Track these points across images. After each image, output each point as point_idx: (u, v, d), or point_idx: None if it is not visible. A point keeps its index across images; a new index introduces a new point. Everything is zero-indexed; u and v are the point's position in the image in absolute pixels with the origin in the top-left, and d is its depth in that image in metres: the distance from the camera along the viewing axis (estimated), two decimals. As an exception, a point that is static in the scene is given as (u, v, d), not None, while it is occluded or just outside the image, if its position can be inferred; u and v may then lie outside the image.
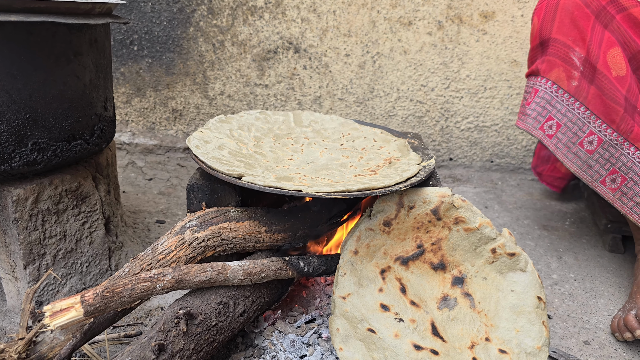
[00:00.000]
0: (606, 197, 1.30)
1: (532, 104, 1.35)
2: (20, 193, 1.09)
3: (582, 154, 1.29)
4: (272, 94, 2.24)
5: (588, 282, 1.47)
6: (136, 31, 2.17)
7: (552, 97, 1.31)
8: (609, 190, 1.29)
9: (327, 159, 1.25)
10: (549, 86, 1.32)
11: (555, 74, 1.31)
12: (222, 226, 1.05)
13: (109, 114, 1.28)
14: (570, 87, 1.28)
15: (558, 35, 1.30)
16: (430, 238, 1.08)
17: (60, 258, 1.20)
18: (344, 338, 0.99)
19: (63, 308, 0.84)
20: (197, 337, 0.90)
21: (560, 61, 1.30)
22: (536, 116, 1.34)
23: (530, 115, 1.35)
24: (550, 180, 2.01)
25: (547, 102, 1.32)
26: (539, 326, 1.00)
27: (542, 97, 1.33)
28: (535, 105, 1.34)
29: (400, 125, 2.25)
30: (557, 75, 1.31)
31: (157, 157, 2.30)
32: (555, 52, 1.31)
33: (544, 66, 1.33)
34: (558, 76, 1.30)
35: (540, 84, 1.34)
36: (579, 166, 1.30)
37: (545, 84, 1.33)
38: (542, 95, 1.33)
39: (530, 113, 1.35)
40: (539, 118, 1.34)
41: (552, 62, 1.32)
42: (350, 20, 2.10)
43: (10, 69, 0.98)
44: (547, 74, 1.32)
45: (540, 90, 1.33)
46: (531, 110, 1.35)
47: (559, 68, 1.30)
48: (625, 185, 1.27)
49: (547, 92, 1.32)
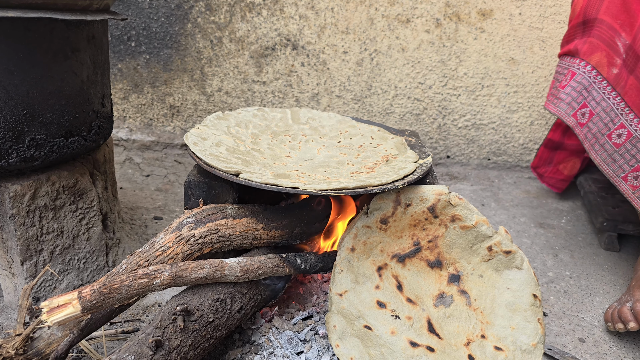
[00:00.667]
0: (625, 194, 1.25)
1: (567, 87, 1.28)
2: (18, 189, 1.09)
3: (608, 147, 1.24)
4: (270, 91, 2.24)
5: (583, 279, 1.47)
6: (134, 27, 2.17)
7: (589, 83, 1.24)
8: (630, 187, 1.24)
9: (324, 156, 1.25)
10: (587, 70, 1.24)
11: (597, 58, 1.23)
12: (219, 223, 1.05)
13: (106, 110, 1.28)
14: (610, 74, 1.21)
15: (605, 17, 1.22)
16: (426, 235, 1.08)
17: (57, 254, 1.20)
18: (341, 335, 1.00)
19: (60, 304, 0.84)
20: (194, 334, 0.90)
21: (604, 45, 1.22)
22: (570, 101, 1.27)
23: (564, 100, 1.28)
24: (553, 182, 2.00)
25: (584, 88, 1.25)
26: (535, 323, 1.01)
27: (580, 82, 1.26)
28: (570, 90, 1.27)
29: (398, 122, 2.25)
30: (598, 59, 1.23)
31: (154, 154, 2.30)
32: (600, 34, 1.23)
33: (586, 48, 1.25)
34: (599, 61, 1.23)
35: (578, 67, 1.27)
36: (604, 159, 1.25)
37: (584, 68, 1.25)
38: (580, 80, 1.26)
39: (565, 97, 1.28)
40: (573, 104, 1.27)
41: (594, 44, 1.24)
42: (348, 18, 2.10)
43: (7, 65, 0.98)
44: (588, 57, 1.25)
45: (578, 74, 1.26)
46: (566, 94, 1.28)
47: (601, 52, 1.23)
48: None
49: (586, 76, 1.25)
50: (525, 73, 2.14)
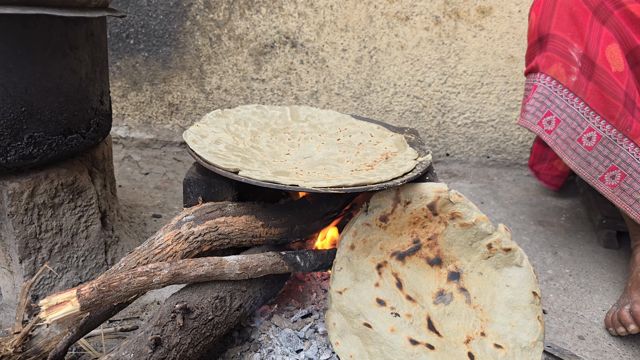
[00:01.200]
0: (605, 194, 1.30)
1: (531, 99, 1.34)
2: (16, 187, 1.08)
3: (581, 150, 1.29)
4: (269, 89, 2.23)
5: (583, 277, 1.47)
6: (132, 25, 2.16)
7: (550, 93, 1.30)
8: (608, 187, 1.28)
9: (323, 153, 1.24)
10: (547, 81, 1.31)
11: (555, 70, 1.30)
12: (218, 221, 1.05)
13: (105, 107, 1.27)
14: (569, 82, 1.27)
15: (556, 31, 1.29)
16: (426, 233, 1.08)
17: (56, 252, 1.20)
18: (340, 332, 1.00)
19: (59, 302, 0.84)
20: (194, 332, 0.90)
21: (559, 57, 1.29)
22: (534, 111, 1.33)
23: (529, 111, 1.34)
24: (548, 178, 2.01)
25: (546, 97, 1.31)
26: (534, 321, 1.01)
27: (541, 93, 1.32)
28: (534, 101, 1.33)
29: (397, 120, 2.25)
30: (556, 70, 1.30)
31: (153, 152, 2.30)
32: (554, 48, 1.30)
33: (543, 62, 1.32)
34: (557, 71, 1.29)
35: (539, 80, 1.33)
36: (578, 162, 1.30)
37: (544, 80, 1.32)
38: (541, 91, 1.32)
39: (529, 109, 1.34)
40: (537, 113, 1.33)
41: (551, 57, 1.31)
42: (347, 15, 2.10)
43: (5, 62, 0.97)
44: (546, 69, 1.31)
45: (539, 86, 1.32)
46: (530, 106, 1.34)
47: (557, 63, 1.29)
48: (625, 182, 1.27)
49: (546, 87, 1.31)
50: (524, 71, 2.14)
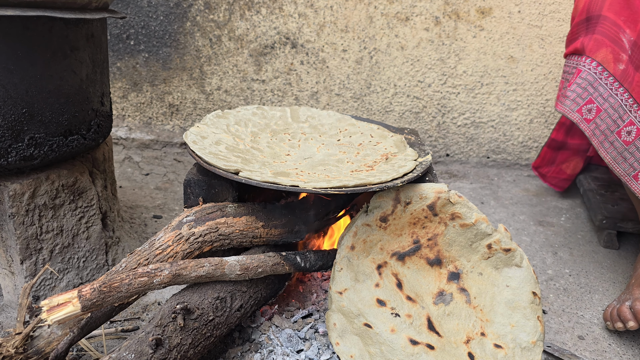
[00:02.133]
0: (637, 193, 1.24)
1: (573, 84, 1.26)
2: (17, 188, 1.09)
3: (618, 144, 1.22)
4: (269, 89, 2.23)
5: (583, 277, 1.48)
6: (133, 26, 2.17)
7: (595, 79, 1.23)
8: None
9: (324, 154, 1.25)
10: (593, 67, 1.24)
11: (602, 55, 1.22)
12: (219, 221, 1.05)
13: (105, 108, 1.28)
14: (616, 70, 1.20)
15: (609, 13, 1.21)
16: (426, 234, 1.08)
17: (57, 253, 1.20)
18: (341, 333, 1.00)
19: (60, 303, 0.84)
20: (194, 332, 0.90)
21: (608, 41, 1.22)
22: (575, 97, 1.26)
23: (569, 97, 1.27)
24: (555, 181, 2.01)
25: (590, 84, 1.24)
26: (534, 321, 1.01)
27: (585, 78, 1.24)
28: (576, 87, 1.26)
29: (397, 121, 2.25)
30: (604, 56, 1.22)
31: (153, 152, 2.30)
32: (604, 31, 1.22)
33: (591, 44, 1.24)
34: (605, 57, 1.22)
35: (584, 64, 1.26)
36: (614, 157, 1.23)
37: (590, 64, 1.24)
38: (585, 76, 1.24)
39: (570, 94, 1.27)
40: (578, 100, 1.25)
41: (599, 41, 1.23)
42: (347, 16, 2.10)
43: (6, 63, 0.97)
44: (594, 53, 1.24)
45: (584, 71, 1.25)
46: (571, 91, 1.26)
47: (606, 48, 1.22)
48: None
49: (591, 73, 1.24)
50: (524, 71, 2.14)
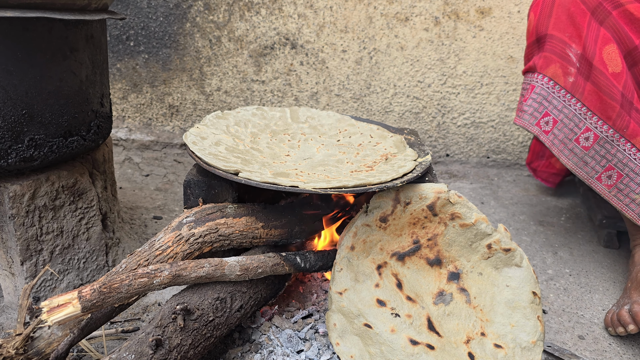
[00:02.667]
0: (602, 194, 1.31)
1: (528, 100, 1.35)
2: (17, 189, 1.09)
3: (578, 150, 1.30)
4: (269, 90, 2.24)
5: (583, 277, 1.48)
6: (132, 27, 2.17)
7: (548, 93, 1.31)
8: (605, 187, 1.30)
9: (323, 155, 1.25)
10: (545, 82, 1.32)
11: (552, 70, 1.31)
12: (219, 222, 1.05)
13: (105, 110, 1.28)
14: (566, 83, 1.28)
15: (554, 32, 1.30)
16: (426, 234, 1.08)
17: (57, 254, 1.20)
18: (341, 333, 1.00)
19: (60, 304, 0.84)
20: (195, 333, 0.91)
21: (556, 57, 1.30)
22: (532, 112, 1.34)
23: (527, 112, 1.35)
24: (545, 176, 2.01)
25: (544, 98, 1.32)
26: (534, 321, 1.01)
27: (539, 93, 1.33)
28: (531, 102, 1.34)
29: (397, 121, 2.25)
30: (553, 71, 1.31)
31: (153, 153, 2.30)
32: (552, 49, 1.31)
33: (541, 62, 1.33)
34: (555, 72, 1.30)
35: (537, 80, 1.34)
36: (575, 162, 1.31)
37: (542, 80, 1.33)
38: (539, 92, 1.33)
39: (527, 109, 1.35)
40: (535, 114, 1.34)
41: (548, 58, 1.32)
42: (347, 16, 2.10)
43: (6, 65, 0.98)
44: (544, 70, 1.32)
45: (537, 87, 1.33)
46: (528, 106, 1.35)
47: (555, 64, 1.30)
48: (621, 182, 1.28)
49: (544, 88, 1.32)
50: (522, 70, 2.14)
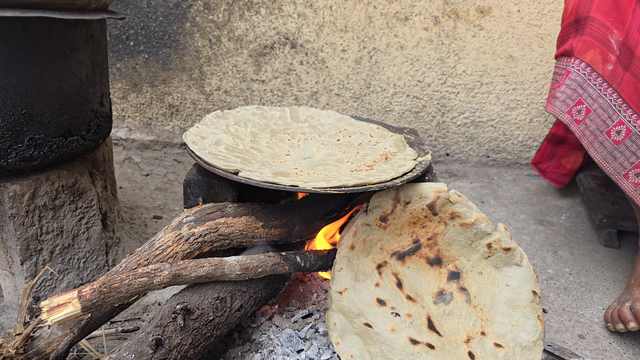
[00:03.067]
0: (627, 191, 1.26)
1: (562, 86, 1.28)
2: (17, 189, 1.09)
3: (608, 144, 1.24)
4: (269, 90, 2.23)
5: (583, 276, 1.48)
6: (132, 26, 2.17)
7: (584, 80, 1.25)
8: (632, 184, 1.24)
9: (323, 154, 1.25)
10: (582, 68, 1.25)
11: (591, 56, 1.24)
12: (219, 222, 1.05)
13: (105, 109, 1.28)
14: (605, 71, 1.22)
15: (597, 15, 1.23)
16: (426, 233, 1.08)
17: (57, 254, 1.20)
18: (341, 332, 1.00)
19: (60, 303, 0.84)
20: (195, 332, 0.91)
21: (597, 42, 1.23)
22: (565, 99, 1.28)
23: (559, 98, 1.28)
24: (555, 177, 2.00)
25: (579, 85, 1.26)
26: (534, 320, 1.01)
27: (574, 79, 1.26)
28: (565, 88, 1.28)
29: (397, 120, 2.25)
30: (592, 57, 1.24)
31: (153, 153, 2.30)
32: (593, 32, 1.24)
33: (580, 46, 1.26)
34: (593, 58, 1.24)
35: (573, 65, 1.28)
36: (604, 156, 1.25)
37: (579, 66, 1.26)
38: (574, 78, 1.26)
39: (560, 95, 1.28)
40: (568, 101, 1.27)
41: (588, 42, 1.25)
42: (346, 16, 2.10)
43: (6, 64, 0.97)
44: (582, 54, 1.26)
45: (573, 72, 1.27)
46: (561, 92, 1.28)
47: (595, 49, 1.23)
48: None
49: (580, 74, 1.25)
50: (524, 70, 2.14)
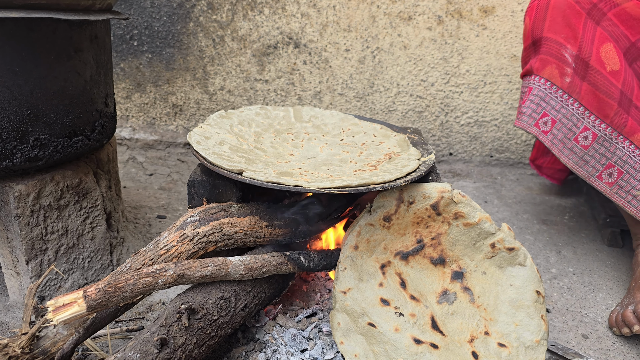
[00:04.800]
0: (603, 192, 1.32)
1: (527, 101, 1.36)
2: (22, 189, 1.09)
3: (577, 150, 1.31)
4: (272, 89, 2.24)
5: (587, 276, 1.48)
6: (136, 26, 2.17)
7: (545, 94, 1.32)
8: (606, 184, 1.31)
9: (327, 154, 1.25)
10: (542, 83, 1.33)
11: (549, 71, 1.32)
12: (223, 221, 1.05)
13: (109, 109, 1.28)
14: (563, 83, 1.30)
15: (550, 34, 1.31)
16: (430, 233, 1.08)
17: (62, 253, 1.20)
18: (345, 332, 1.00)
19: (66, 303, 0.85)
20: (199, 332, 0.91)
21: (552, 59, 1.31)
22: (531, 113, 1.35)
23: (525, 113, 1.36)
24: (551, 172, 2.00)
25: (541, 99, 1.33)
26: (538, 320, 1.01)
27: (536, 95, 1.34)
28: (529, 103, 1.36)
29: (400, 120, 2.25)
30: (550, 72, 1.32)
31: (157, 153, 2.31)
32: (548, 50, 1.32)
33: (537, 64, 1.34)
34: (551, 73, 1.32)
35: (534, 82, 1.35)
36: (575, 162, 1.32)
37: (539, 82, 1.34)
38: (536, 93, 1.34)
39: (525, 111, 1.36)
40: (534, 115, 1.35)
41: (544, 60, 1.33)
42: (350, 15, 2.10)
43: (11, 65, 0.98)
44: (541, 71, 1.34)
45: (534, 88, 1.35)
46: (526, 108, 1.36)
47: (551, 65, 1.32)
48: (622, 179, 1.29)
49: (541, 89, 1.33)
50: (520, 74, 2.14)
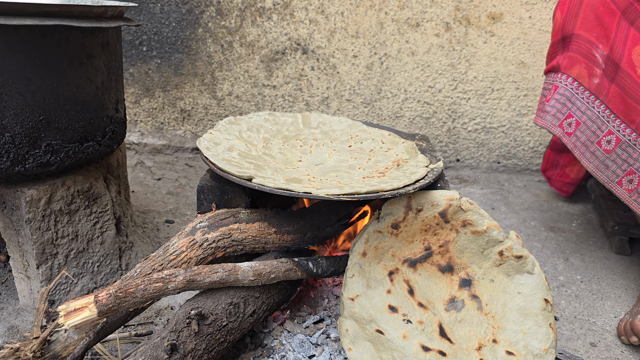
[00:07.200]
0: (622, 198, 1.28)
1: (551, 100, 1.32)
2: (34, 194, 1.10)
3: (599, 154, 1.27)
4: (280, 95, 2.25)
5: (595, 284, 1.47)
6: (145, 32, 2.19)
7: (572, 94, 1.29)
8: (625, 191, 1.27)
9: (335, 160, 1.25)
10: (569, 83, 1.29)
11: (577, 71, 1.28)
12: (232, 227, 1.06)
13: (120, 115, 1.29)
14: (591, 84, 1.26)
15: (581, 31, 1.27)
16: (437, 240, 1.08)
17: (72, 258, 1.21)
18: (353, 339, 1.01)
19: (77, 308, 0.85)
20: (208, 337, 0.91)
21: (582, 58, 1.27)
22: (555, 113, 1.32)
23: (549, 112, 1.32)
24: (560, 185, 2.00)
25: (567, 99, 1.30)
26: (546, 328, 1.01)
27: (562, 94, 1.30)
28: (554, 102, 1.32)
29: (408, 126, 2.26)
30: (578, 71, 1.28)
31: (165, 157, 2.32)
32: (578, 49, 1.28)
33: (566, 62, 1.30)
34: (579, 73, 1.28)
35: (560, 80, 1.31)
36: (596, 166, 1.28)
37: (566, 81, 1.30)
38: (562, 92, 1.30)
39: (550, 110, 1.32)
40: (559, 115, 1.31)
41: (574, 58, 1.29)
42: (358, 22, 2.11)
43: (24, 72, 0.99)
44: (569, 70, 1.30)
45: (561, 87, 1.31)
46: (550, 107, 1.32)
47: (580, 65, 1.28)
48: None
49: (568, 88, 1.29)
50: (535, 76, 2.14)
